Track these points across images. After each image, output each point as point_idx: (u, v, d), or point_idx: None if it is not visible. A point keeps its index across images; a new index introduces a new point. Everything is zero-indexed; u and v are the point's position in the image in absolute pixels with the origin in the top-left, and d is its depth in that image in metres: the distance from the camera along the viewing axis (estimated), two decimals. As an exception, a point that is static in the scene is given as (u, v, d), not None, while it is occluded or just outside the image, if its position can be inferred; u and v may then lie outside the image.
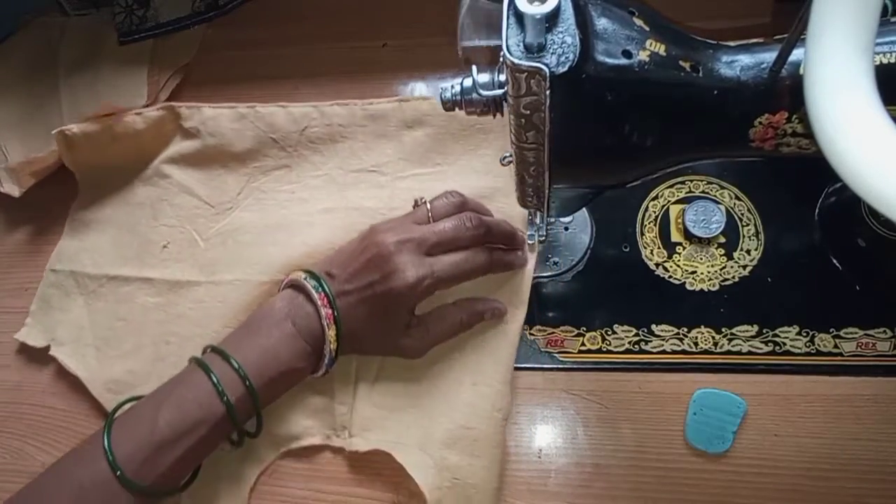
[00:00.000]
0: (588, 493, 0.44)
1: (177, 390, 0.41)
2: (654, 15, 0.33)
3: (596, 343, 0.48)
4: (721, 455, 0.43)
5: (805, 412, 0.44)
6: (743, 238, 0.49)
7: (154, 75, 0.63)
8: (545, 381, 0.47)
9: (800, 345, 0.46)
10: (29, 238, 0.61)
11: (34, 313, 0.55)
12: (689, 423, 0.44)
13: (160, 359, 0.50)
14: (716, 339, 0.47)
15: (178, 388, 0.41)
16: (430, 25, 0.60)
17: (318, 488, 0.47)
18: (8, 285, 0.59)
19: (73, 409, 0.53)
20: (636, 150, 0.34)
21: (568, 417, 0.46)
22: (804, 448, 0.43)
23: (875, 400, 0.44)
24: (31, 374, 0.55)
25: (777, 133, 0.33)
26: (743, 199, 0.50)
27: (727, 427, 0.43)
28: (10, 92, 0.64)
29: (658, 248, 0.50)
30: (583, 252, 0.50)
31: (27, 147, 0.61)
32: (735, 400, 0.44)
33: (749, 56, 0.32)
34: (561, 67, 0.29)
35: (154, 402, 0.41)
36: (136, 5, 0.66)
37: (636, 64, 0.31)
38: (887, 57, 0.29)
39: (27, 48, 0.67)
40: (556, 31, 0.29)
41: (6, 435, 0.53)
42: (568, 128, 0.32)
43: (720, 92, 0.32)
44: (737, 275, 0.48)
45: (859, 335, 0.45)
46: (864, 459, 0.42)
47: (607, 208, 0.51)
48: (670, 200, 0.51)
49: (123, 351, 0.52)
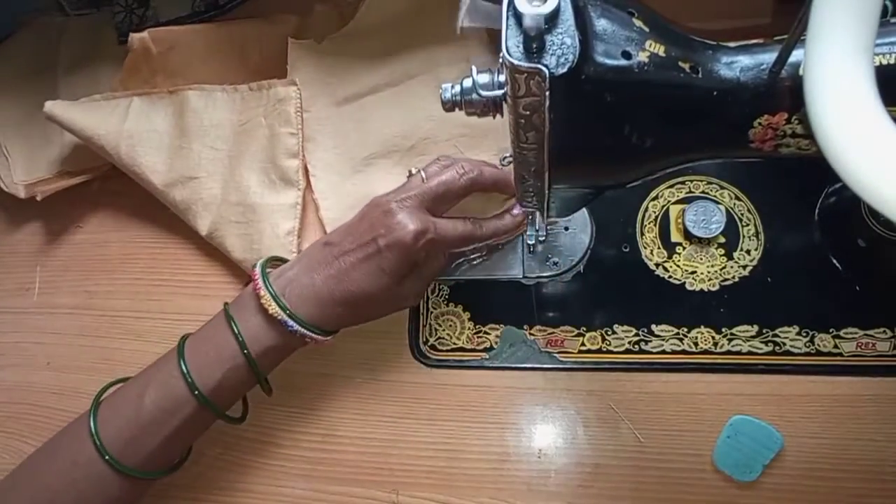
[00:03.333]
0: (588, 493, 0.44)
1: (164, 369, 0.42)
2: (653, 16, 0.33)
3: (596, 343, 0.48)
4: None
5: (805, 412, 0.44)
6: (743, 238, 0.49)
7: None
8: (545, 381, 0.47)
9: (800, 345, 0.46)
10: (29, 238, 0.61)
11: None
12: (720, 446, 0.43)
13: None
14: (716, 339, 0.47)
15: (165, 366, 0.42)
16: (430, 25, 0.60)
17: (319, 488, 0.47)
18: (8, 285, 0.60)
19: (73, 409, 0.53)
20: (636, 150, 0.34)
21: (568, 417, 0.46)
22: (804, 448, 0.43)
23: (875, 400, 0.44)
24: (31, 374, 0.55)
25: (777, 134, 0.32)
26: (743, 199, 0.50)
27: (759, 458, 0.43)
28: (10, 92, 0.64)
29: (658, 248, 0.50)
30: (583, 252, 0.50)
31: (27, 147, 0.61)
32: (773, 434, 0.43)
33: (749, 57, 0.32)
34: (560, 68, 0.29)
35: (140, 383, 0.41)
36: (136, 5, 0.65)
37: (636, 65, 0.31)
38: (887, 58, 0.29)
39: (27, 48, 0.67)
40: (555, 32, 0.29)
41: (6, 435, 0.53)
42: (568, 128, 0.32)
43: (720, 93, 0.32)
44: (737, 275, 0.48)
45: (859, 335, 0.45)
46: (864, 459, 0.42)
47: (607, 208, 0.51)
48: (670, 200, 0.51)
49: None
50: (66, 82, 0.64)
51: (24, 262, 0.60)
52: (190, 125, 0.56)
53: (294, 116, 0.53)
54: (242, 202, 0.53)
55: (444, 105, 0.38)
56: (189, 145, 0.55)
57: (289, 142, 0.53)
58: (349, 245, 0.43)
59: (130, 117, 0.56)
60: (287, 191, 0.53)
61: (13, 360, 0.56)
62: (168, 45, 0.57)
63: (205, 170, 0.55)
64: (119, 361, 0.54)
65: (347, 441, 0.48)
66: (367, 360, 0.50)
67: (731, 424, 0.44)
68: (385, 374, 0.50)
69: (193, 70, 0.58)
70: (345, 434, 0.48)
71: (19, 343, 0.56)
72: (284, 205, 0.52)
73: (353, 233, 0.44)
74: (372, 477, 0.46)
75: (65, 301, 0.58)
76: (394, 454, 0.47)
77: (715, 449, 0.43)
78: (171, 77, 0.58)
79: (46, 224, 0.61)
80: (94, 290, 0.57)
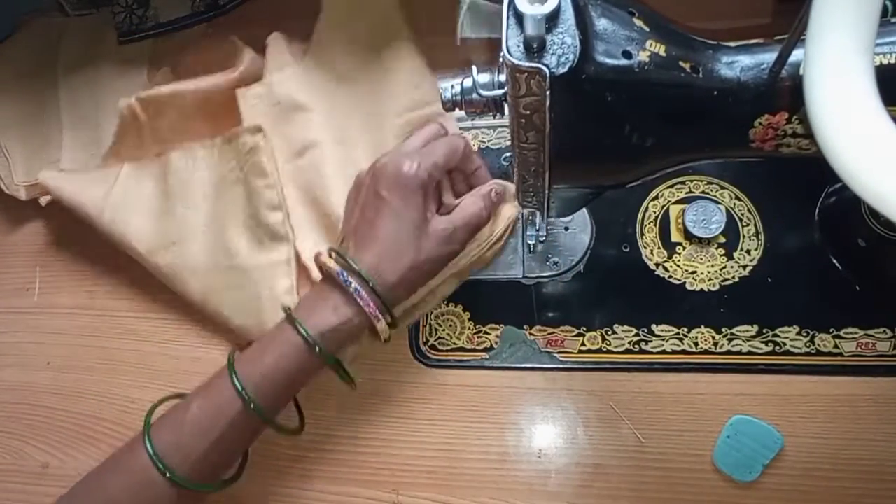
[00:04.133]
0: (588, 493, 0.44)
1: (214, 380, 0.42)
2: (654, 15, 0.33)
3: (596, 343, 0.48)
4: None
5: (805, 412, 0.44)
6: (743, 238, 0.49)
7: (154, 75, 0.63)
8: (545, 381, 0.47)
9: (800, 345, 0.46)
10: (29, 238, 0.61)
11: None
12: (720, 446, 0.43)
13: None
14: (716, 339, 0.47)
15: (215, 378, 0.42)
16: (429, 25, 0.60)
17: (318, 488, 0.47)
18: (8, 285, 0.60)
19: (73, 409, 0.53)
20: (636, 150, 0.34)
21: (568, 417, 0.46)
22: (804, 448, 0.43)
23: (875, 400, 0.44)
24: (31, 374, 0.55)
25: (777, 133, 0.33)
26: (743, 199, 0.50)
27: (759, 458, 0.43)
28: (10, 92, 0.64)
29: (658, 248, 0.50)
30: (583, 252, 0.50)
31: (27, 147, 0.61)
32: (773, 434, 0.43)
33: (749, 57, 0.32)
34: (561, 68, 0.29)
35: (193, 393, 0.41)
36: (136, 5, 0.65)
37: (636, 65, 0.31)
38: (887, 57, 0.29)
39: (27, 48, 0.67)
40: (556, 32, 0.29)
41: (6, 435, 0.53)
42: (568, 128, 0.32)
43: (720, 93, 0.32)
44: (737, 275, 0.48)
45: (859, 335, 0.45)
46: (864, 459, 0.42)
47: (607, 208, 0.51)
48: (670, 200, 0.51)
49: None
50: (66, 82, 0.64)
51: (24, 262, 0.60)
52: (173, 187, 0.54)
53: (267, 166, 0.50)
54: (234, 266, 0.50)
55: (445, 105, 0.38)
56: (173, 209, 0.53)
57: (267, 195, 0.50)
58: (358, 216, 0.42)
59: (118, 185, 0.55)
60: (277, 247, 0.50)
61: (13, 360, 0.56)
62: (156, 110, 0.55)
63: (188, 233, 0.52)
64: (119, 361, 0.54)
65: (347, 441, 0.48)
66: (367, 360, 0.50)
67: (731, 424, 0.44)
68: (385, 374, 0.49)
69: (181, 132, 0.56)
70: (345, 434, 0.48)
71: (19, 343, 0.56)
72: (277, 262, 0.50)
73: (353, 208, 0.43)
74: (372, 477, 0.46)
75: (65, 301, 0.58)
76: (394, 454, 0.47)
77: (715, 449, 0.43)
78: (160, 142, 0.56)
79: (46, 224, 0.61)
80: (94, 290, 0.57)
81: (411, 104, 0.54)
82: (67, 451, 0.51)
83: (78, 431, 0.52)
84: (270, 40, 0.56)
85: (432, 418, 0.48)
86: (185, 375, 0.52)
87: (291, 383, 0.42)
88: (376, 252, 0.41)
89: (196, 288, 0.51)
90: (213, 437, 0.39)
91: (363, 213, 0.42)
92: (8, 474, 0.51)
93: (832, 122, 0.22)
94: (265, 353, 0.41)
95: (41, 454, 0.51)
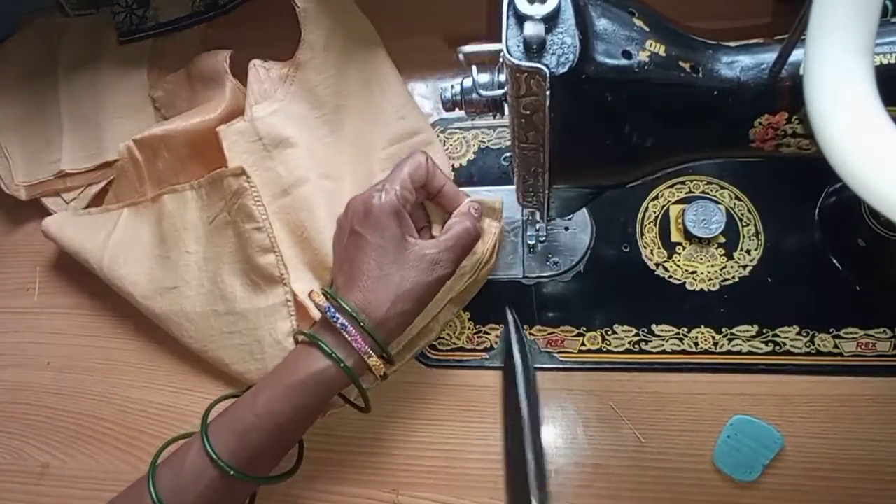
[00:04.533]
0: (588, 493, 0.44)
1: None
2: (653, 15, 0.33)
3: (596, 343, 0.48)
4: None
5: (805, 412, 0.44)
6: (743, 238, 0.49)
7: (154, 75, 0.63)
8: (545, 381, 0.47)
9: (800, 345, 0.46)
10: (29, 238, 0.61)
11: None
12: (720, 446, 0.43)
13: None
14: (716, 339, 0.47)
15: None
16: (429, 25, 0.60)
17: (319, 488, 0.47)
18: (8, 285, 0.60)
19: (73, 409, 0.53)
20: (636, 150, 0.34)
21: (568, 417, 0.46)
22: (804, 448, 0.43)
23: (875, 400, 0.44)
24: (31, 374, 0.55)
25: (777, 133, 0.33)
26: (743, 199, 0.50)
27: (759, 458, 0.43)
28: (10, 92, 0.64)
29: (658, 248, 0.50)
30: (583, 252, 0.50)
31: (27, 147, 0.62)
32: (773, 434, 0.43)
33: (749, 56, 0.32)
34: (561, 68, 0.29)
35: (194, 437, 0.41)
36: (136, 5, 0.66)
37: (636, 64, 0.31)
38: (887, 57, 0.29)
39: (27, 48, 0.67)
40: (556, 32, 0.29)
41: (6, 435, 0.53)
42: (568, 128, 0.32)
43: (720, 92, 0.32)
44: (737, 275, 0.48)
45: (859, 335, 0.45)
46: (864, 459, 0.42)
47: (607, 208, 0.51)
48: (670, 200, 0.51)
49: None
50: (66, 82, 0.64)
51: (24, 262, 0.60)
52: (167, 231, 0.53)
53: (255, 209, 0.49)
54: (231, 311, 0.50)
55: (445, 105, 0.38)
56: (167, 253, 0.53)
57: (257, 237, 0.49)
58: (342, 256, 0.43)
59: (118, 229, 0.55)
60: (273, 290, 0.49)
61: (13, 360, 0.56)
62: (152, 152, 0.55)
63: (182, 278, 0.52)
64: (119, 361, 0.54)
65: (347, 441, 0.48)
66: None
67: (731, 424, 0.44)
68: (385, 374, 0.49)
69: (178, 172, 0.55)
70: (345, 434, 0.48)
71: (19, 343, 0.56)
72: (275, 305, 0.48)
73: (338, 250, 0.44)
74: (372, 477, 0.46)
75: (65, 301, 0.58)
76: (394, 454, 0.47)
77: (715, 449, 0.43)
78: (159, 183, 0.56)
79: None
80: (93, 290, 0.57)
81: (396, 137, 0.54)
82: (67, 451, 0.52)
83: (78, 431, 0.52)
84: (250, 69, 0.54)
85: (432, 418, 0.48)
86: (185, 376, 0.53)
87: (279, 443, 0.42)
88: (360, 287, 0.41)
89: (194, 335, 0.51)
90: (268, 427, 0.40)
91: (346, 253, 0.42)
92: (8, 474, 0.51)
93: (832, 122, 0.22)
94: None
95: (41, 454, 0.51)
